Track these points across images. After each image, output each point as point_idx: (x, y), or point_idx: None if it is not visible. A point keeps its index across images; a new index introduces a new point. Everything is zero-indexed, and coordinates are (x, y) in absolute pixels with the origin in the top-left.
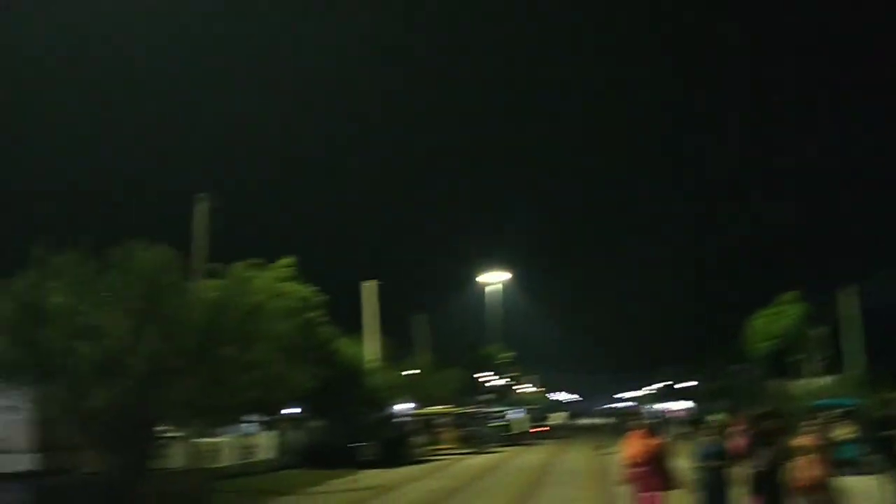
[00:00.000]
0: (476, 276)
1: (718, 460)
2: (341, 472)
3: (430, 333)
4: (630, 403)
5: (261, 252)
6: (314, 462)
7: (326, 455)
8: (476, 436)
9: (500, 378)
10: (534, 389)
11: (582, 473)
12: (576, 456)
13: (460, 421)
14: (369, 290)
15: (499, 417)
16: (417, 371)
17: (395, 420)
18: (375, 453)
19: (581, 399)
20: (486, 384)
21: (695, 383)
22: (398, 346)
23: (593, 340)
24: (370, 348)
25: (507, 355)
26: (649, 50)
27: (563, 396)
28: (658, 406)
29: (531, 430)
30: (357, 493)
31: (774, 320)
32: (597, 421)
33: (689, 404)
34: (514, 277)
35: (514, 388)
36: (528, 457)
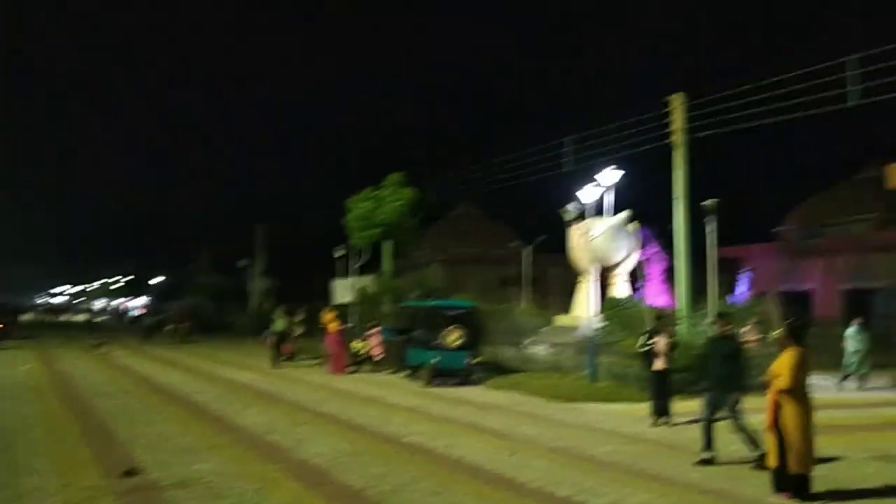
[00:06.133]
0: None
1: None
2: None
3: None
4: (64, 299)
5: None
6: None
7: None
8: None
9: None
10: None
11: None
12: (81, 364)
13: None
14: None
15: None
16: None
17: None
18: None
19: None
20: None
21: (162, 278)
22: None
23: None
24: None
25: None
26: None
27: None
28: (114, 302)
29: None
30: None
31: (376, 206)
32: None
33: (146, 300)
34: None
35: None
36: (8, 371)
